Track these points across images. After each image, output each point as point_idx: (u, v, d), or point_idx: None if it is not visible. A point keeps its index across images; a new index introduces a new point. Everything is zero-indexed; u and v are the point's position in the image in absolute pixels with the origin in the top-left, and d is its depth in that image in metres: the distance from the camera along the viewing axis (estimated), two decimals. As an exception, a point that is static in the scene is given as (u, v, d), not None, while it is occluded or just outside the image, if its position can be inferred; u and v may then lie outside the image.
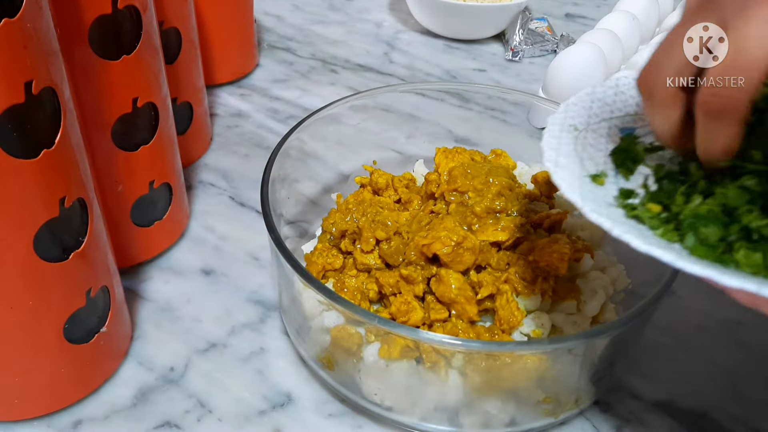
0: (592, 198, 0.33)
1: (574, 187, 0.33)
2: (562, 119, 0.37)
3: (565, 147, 0.36)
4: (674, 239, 0.31)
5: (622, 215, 0.33)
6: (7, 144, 0.32)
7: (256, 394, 0.44)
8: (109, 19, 0.41)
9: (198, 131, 0.63)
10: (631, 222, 0.33)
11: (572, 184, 0.33)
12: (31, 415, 0.42)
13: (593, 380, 0.42)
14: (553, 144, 0.35)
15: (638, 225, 0.32)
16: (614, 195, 0.35)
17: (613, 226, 0.30)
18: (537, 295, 0.41)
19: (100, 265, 0.41)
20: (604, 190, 0.35)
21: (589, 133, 0.37)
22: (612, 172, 0.36)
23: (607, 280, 0.44)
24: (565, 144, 0.36)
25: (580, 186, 0.34)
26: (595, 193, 0.34)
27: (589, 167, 0.36)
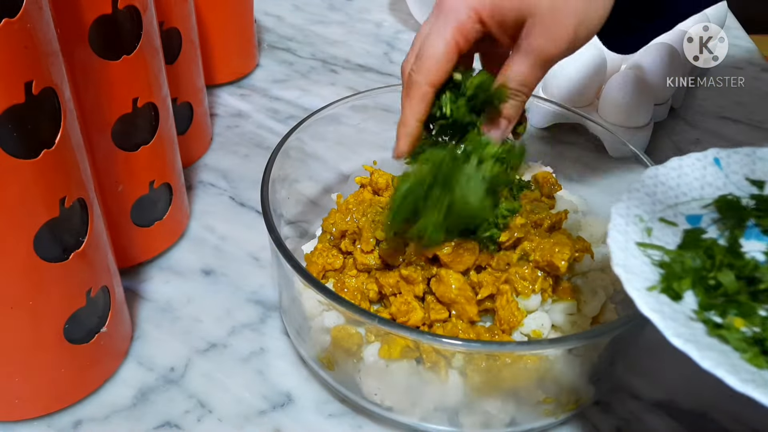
0: (670, 313, 0.31)
1: (650, 301, 0.31)
2: (626, 209, 0.35)
3: (632, 246, 0.34)
4: (763, 366, 0.29)
5: (703, 332, 0.31)
6: (7, 144, 0.32)
7: (256, 394, 0.44)
8: (109, 19, 0.41)
9: (198, 131, 0.63)
10: (713, 341, 0.31)
11: (647, 295, 0.31)
12: (31, 415, 0.42)
13: (593, 380, 0.42)
14: (620, 241, 0.33)
15: (721, 345, 0.31)
16: (692, 307, 0.32)
17: (702, 357, 0.28)
18: (537, 295, 0.41)
19: (100, 265, 0.41)
20: (681, 301, 0.33)
21: (655, 223, 0.36)
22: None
23: (608, 280, 0.44)
24: (632, 239, 0.34)
25: (656, 297, 0.32)
26: (672, 305, 0.32)
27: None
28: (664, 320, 0.30)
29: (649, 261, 0.34)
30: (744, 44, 0.86)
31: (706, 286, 0.33)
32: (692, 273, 0.34)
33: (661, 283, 0.33)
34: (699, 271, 0.34)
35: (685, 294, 0.33)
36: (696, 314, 0.32)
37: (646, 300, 0.31)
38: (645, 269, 0.33)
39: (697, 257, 0.34)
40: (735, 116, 0.73)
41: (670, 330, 0.29)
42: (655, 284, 0.32)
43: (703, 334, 0.31)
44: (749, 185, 0.39)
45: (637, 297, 0.31)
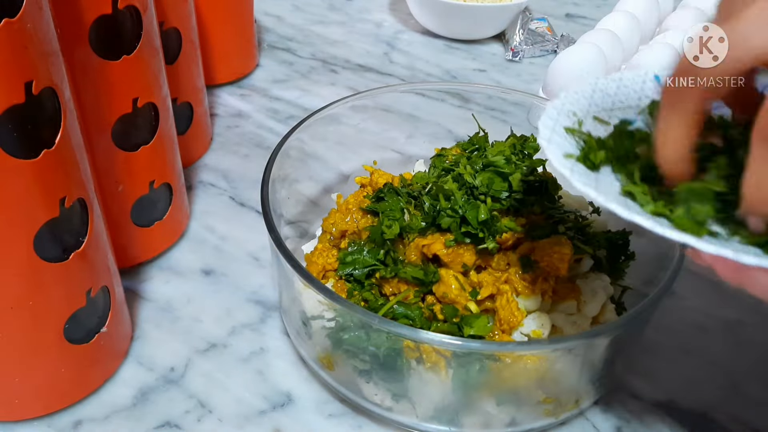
0: (582, 172, 0.33)
1: (565, 162, 0.32)
2: (561, 105, 0.37)
3: (561, 129, 0.35)
4: (663, 212, 0.31)
5: (616, 191, 0.33)
6: (7, 144, 0.32)
7: (256, 394, 0.44)
8: (109, 19, 0.41)
9: (198, 131, 0.63)
10: (622, 198, 0.32)
11: (563, 159, 0.33)
12: (31, 415, 0.42)
13: (593, 380, 0.42)
14: (549, 124, 0.35)
15: (629, 200, 0.32)
16: (608, 174, 0.34)
17: (598, 194, 0.30)
18: (537, 295, 0.41)
19: (101, 265, 0.41)
20: (597, 173, 0.34)
21: (588, 119, 0.37)
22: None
23: (608, 280, 0.44)
24: (560, 126, 0.35)
25: (573, 163, 0.33)
26: (587, 172, 0.34)
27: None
28: (572, 173, 0.31)
29: (575, 140, 0.35)
30: (744, 44, 0.86)
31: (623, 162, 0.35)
32: (611, 150, 0.35)
33: (580, 152, 0.34)
34: (618, 151, 0.35)
35: (603, 168, 0.34)
36: (608, 182, 0.33)
37: (562, 162, 0.32)
38: (567, 144, 0.34)
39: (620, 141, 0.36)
40: (735, 116, 0.73)
41: (577, 180, 0.31)
42: (573, 154, 0.34)
43: (615, 192, 0.32)
44: None
45: (553, 158, 0.32)
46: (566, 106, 0.37)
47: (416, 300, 0.42)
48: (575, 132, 0.36)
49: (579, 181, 0.31)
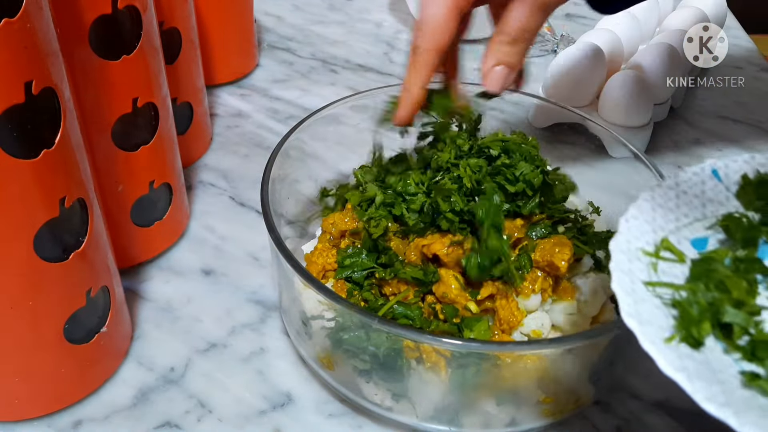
0: (695, 369, 0.28)
1: (671, 357, 0.28)
2: (626, 243, 0.32)
3: (639, 285, 0.31)
4: None
5: (737, 384, 0.28)
6: (7, 144, 0.32)
7: (256, 394, 0.44)
8: (109, 19, 0.41)
9: (198, 131, 0.63)
10: (749, 395, 0.28)
11: (666, 350, 0.28)
12: (31, 415, 0.42)
13: (593, 380, 0.42)
14: (626, 283, 0.30)
15: (760, 397, 0.28)
16: (716, 354, 0.29)
17: (741, 424, 0.25)
18: (537, 295, 0.41)
19: (100, 265, 0.41)
20: (703, 348, 0.30)
21: (662, 256, 0.33)
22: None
23: (608, 281, 0.44)
24: (638, 279, 0.31)
25: (677, 350, 0.29)
26: (694, 357, 0.29)
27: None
28: (690, 381, 0.27)
29: (660, 302, 0.31)
30: (744, 44, 0.86)
31: (721, 324, 0.31)
32: (709, 312, 0.31)
33: (677, 330, 0.30)
34: (716, 309, 0.31)
35: (706, 339, 0.30)
36: (721, 363, 0.29)
37: (667, 357, 0.28)
38: (657, 314, 0.30)
39: (710, 290, 0.31)
40: (735, 116, 0.73)
41: (699, 393, 0.26)
42: (672, 333, 0.30)
43: (736, 386, 0.28)
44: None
45: (656, 355, 0.28)
46: (632, 243, 0.33)
47: (416, 300, 0.42)
48: (655, 285, 0.31)
49: (702, 394, 0.26)
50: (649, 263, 0.32)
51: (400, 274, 0.42)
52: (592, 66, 0.65)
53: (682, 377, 0.27)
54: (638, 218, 0.34)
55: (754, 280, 0.33)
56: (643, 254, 0.33)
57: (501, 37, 0.42)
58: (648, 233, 0.34)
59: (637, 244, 0.33)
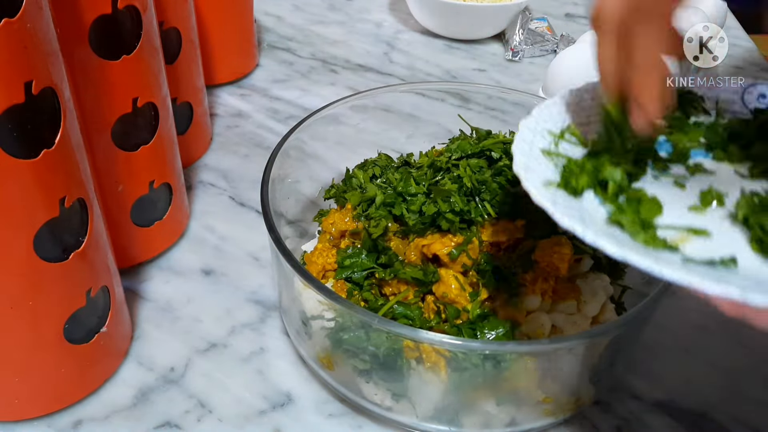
0: (564, 203, 0.31)
1: (545, 193, 0.31)
2: (535, 123, 0.35)
3: (537, 152, 0.34)
4: (657, 244, 0.30)
5: (603, 220, 0.31)
6: (7, 144, 0.32)
7: (256, 394, 0.44)
8: (109, 19, 0.41)
9: (198, 131, 0.63)
10: (611, 228, 0.31)
11: (543, 189, 0.31)
12: (31, 415, 0.42)
13: (593, 380, 0.42)
14: (524, 148, 0.33)
15: (617, 231, 0.31)
16: (592, 205, 0.33)
17: (585, 230, 0.28)
18: (537, 295, 0.41)
19: (100, 265, 0.41)
20: (580, 198, 0.33)
21: (565, 138, 0.36)
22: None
23: (607, 280, 0.44)
24: (536, 148, 0.34)
25: (554, 192, 0.32)
26: (569, 199, 0.32)
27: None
28: (555, 206, 0.30)
29: (553, 166, 0.34)
30: (744, 44, 0.86)
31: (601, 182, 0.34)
32: (592, 173, 0.33)
33: (559, 180, 0.33)
34: (600, 174, 0.34)
35: (586, 193, 0.33)
36: (595, 209, 0.32)
37: (542, 194, 0.30)
38: (546, 170, 0.33)
39: (599, 164, 0.34)
40: (735, 116, 0.73)
41: (559, 212, 0.29)
42: (553, 181, 0.32)
43: (600, 221, 0.31)
44: None
45: (533, 190, 0.30)
46: (540, 125, 0.35)
47: (416, 300, 0.42)
48: (552, 155, 0.34)
49: (564, 214, 0.29)
50: (552, 141, 0.35)
51: (400, 274, 0.42)
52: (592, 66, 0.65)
53: (549, 204, 0.29)
54: (551, 107, 0.36)
55: (644, 163, 0.35)
56: (548, 134, 0.35)
57: None
58: (558, 121, 0.36)
59: (545, 125, 0.35)
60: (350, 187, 0.48)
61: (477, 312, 0.40)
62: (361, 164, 0.50)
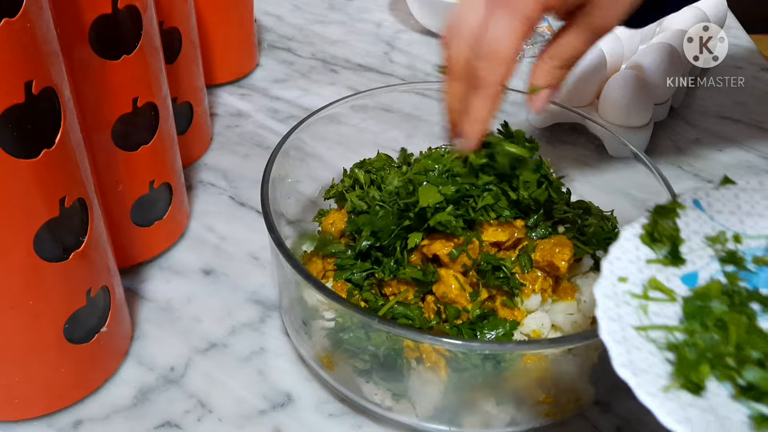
0: (698, 418, 0.26)
1: (671, 407, 0.26)
2: (612, 285, 0.31)
3: (630, 331, 0.29)
4: None
5: (747, 430, 0.26)
6: (7, 144, 0.32)
7: (256, 394, 0.44)
8: (109, 19, 0.41)
9: (198, 131, 0.63)
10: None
11: (665, 400, 0.26)
12: (31, 414, 0.42)
13: (593, 380, 0.42)
14: (616, 332, 0.28)
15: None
16: (719, 397, 0.28)
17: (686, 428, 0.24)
18: (537, 295, 0.41)
19: (100, 265, 0.41)
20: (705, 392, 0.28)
21: (649, 294, 0.31)
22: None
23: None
24: (628, 324, 0.29)
25: (677, 399, 0.27)
26: (696, 403, 0.27)
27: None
28: (690, 425, 0.25)
29: (655, 347, 0.29)
30: (744, 44, 0.86)
31: (726, 365, 0.28)
32: (708, 353, 0.29)
33: (675, 376, 0.28)
34: (715, 349, 0.29)
35: (707, 382, 0.28)
36: (728, 407, 0.27)
37: (668, 407, 0.26)
38: (653, 361, 0.28)
39: (707, 330, 0.30)
40: (735, 116, 0.73)
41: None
42: (670, 381, 0.28)
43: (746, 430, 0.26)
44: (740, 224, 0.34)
45: (656, 407, 0.26)
46: (618, 286, 0.31)
47: (416, 300, 0.42)
48: (648, 329, 0.29)
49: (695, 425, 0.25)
50: (639, 306, 0.30)
51: (399, 275, 0.42)
52: (592, 66, 0.65)
53: (686, 429, 0.25)
54: (621, 258, 0.32)
55: (752, 313, 0.31)
56: (631, 297, 0.31)
57: (554, 61, 0.42)
58: (634, 273, 0.32)
59: (623, 287, 0.31)
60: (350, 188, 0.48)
61: (477, 312, 0.40)
62: (360, 163, 0.50)
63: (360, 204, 0.45)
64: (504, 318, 0.40)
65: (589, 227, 0.46)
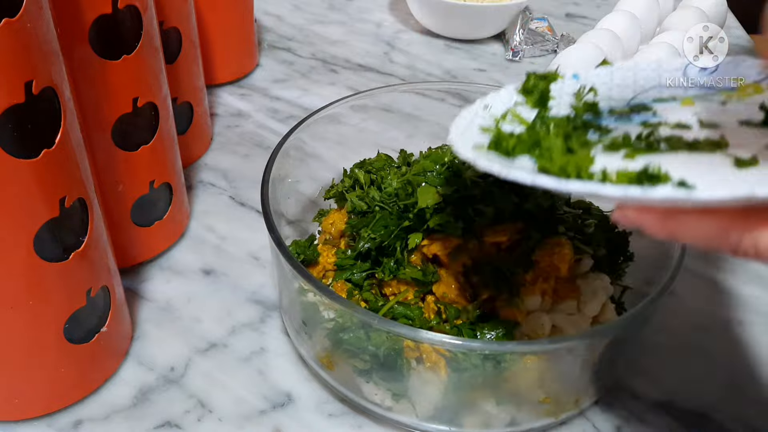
0: (492, 158, 0.31)
1: (474, 154, 0.30)
2: (478, 106, 0.36)
3: (476, 128, 0.34)
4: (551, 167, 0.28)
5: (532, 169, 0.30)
6: (7, 144, 0.32)
7: (256, 394, 0.44)
8: (109, 19, 0.41)
9: (198, 131, 0.63)
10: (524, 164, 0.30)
11: (471, 150, 0.31)
12: (31, 415, 0.42)
13: (593, 380, 0.42)
14: (461, 124, 0.34)
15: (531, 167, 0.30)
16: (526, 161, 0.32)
17: (502, 169, 0.28)
18: (537, 295, 0.41)
19: (101, 265, 0.41)
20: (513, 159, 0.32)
21: (508, 117, 0.35)
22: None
23: (607, 280, 0.44)
24: (475, 125, 0.34)
25: (485, 154, 0.31)
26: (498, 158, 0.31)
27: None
28: (477, 158, 0.29)
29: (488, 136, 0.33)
30: (744, 44, 0.86)
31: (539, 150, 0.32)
32: (528, 140, 0.32)
33: (490, 142, 0.32)
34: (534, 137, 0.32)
35: (520, 157, 0.31)
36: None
37: (471, 152, 0.30)
38: (482, 140, 0.32)
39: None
40: (735, 116, 0.73)
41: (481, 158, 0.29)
42: (483, 144, 0.32)
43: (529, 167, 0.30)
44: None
45: (461, 150, 0.30)
46: (483, 110, 0.35)
47: (416, 300, 0.42)
48: (490, 131, 0.34)
49: (486, 160, 0.29)
50: (494, 121, 0.34)
51: (399, 275, 0.42)
52: (592, 66, 0.65)
53: (471, 155, 0.29)
54: (495, 100, 0.36)
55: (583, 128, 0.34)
56: (491, 117, 0.35)
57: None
58: (498, 106, 0.36)
59: (491, 111, 0.35)
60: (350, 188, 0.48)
61: (477, 312, 0.40)
62: (360, 163, 0.50)
63: (360, 204, 0.45)
64: (504, 318, 0.40)
65: (589, 227, 0.46)
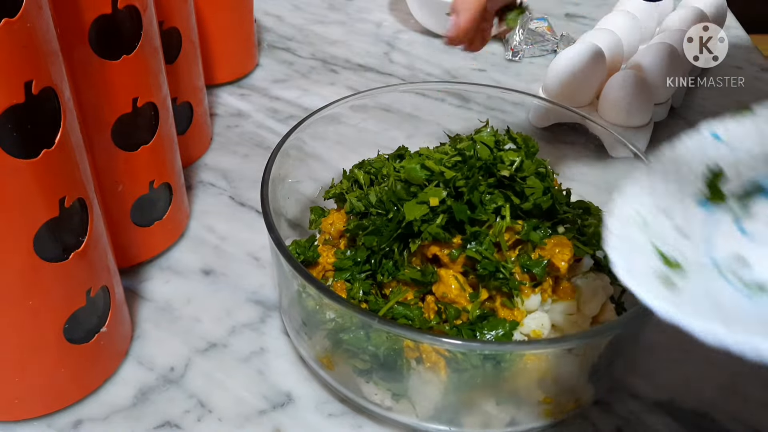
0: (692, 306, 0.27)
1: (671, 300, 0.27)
2: (621, 207, 0.32)
3: (635, 244, 0.30)
4: None
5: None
6: (7, 144, 0.32)
7: (256, 394, 0.44)
8: (109, 19, 0.41)
9: (198, 131, 0.63)
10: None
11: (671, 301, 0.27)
12: (31, 415, 0.42)
13: (593, 380, 0.42)
14: (617, 244, 0.29)
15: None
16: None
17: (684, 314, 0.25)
18: (537, 295, 0.41)
19: (100, 265, 0.41)
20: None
21: (659, 216, 0.32)
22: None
23: (607, 280, 0.44)
24: (633, 239, 0.30)
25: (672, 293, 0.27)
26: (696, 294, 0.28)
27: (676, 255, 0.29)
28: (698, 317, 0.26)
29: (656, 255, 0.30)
30: (744, 44, 0.86)
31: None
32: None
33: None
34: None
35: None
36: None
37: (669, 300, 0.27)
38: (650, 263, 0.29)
39: None
40: (735, 116, 0.73)
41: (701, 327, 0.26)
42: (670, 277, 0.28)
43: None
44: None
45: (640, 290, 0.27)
46: (626, 209, 0.32)
47: (416, 300, 0.42)
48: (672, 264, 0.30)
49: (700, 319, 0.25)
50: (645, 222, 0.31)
51: (399, 276, 0.42)
52: (592, 66, 0.65)
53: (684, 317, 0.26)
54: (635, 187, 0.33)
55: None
56: (637, 215, 0.32)
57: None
58: (645, 200, 0.33)
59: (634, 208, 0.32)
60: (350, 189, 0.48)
61: (477, 312, 0.40)
62: (360, 164, 0.50)
63: (358, 205, 0.45)
64: (504, 318, 0.40)
65: (589, 227, 0.46)
